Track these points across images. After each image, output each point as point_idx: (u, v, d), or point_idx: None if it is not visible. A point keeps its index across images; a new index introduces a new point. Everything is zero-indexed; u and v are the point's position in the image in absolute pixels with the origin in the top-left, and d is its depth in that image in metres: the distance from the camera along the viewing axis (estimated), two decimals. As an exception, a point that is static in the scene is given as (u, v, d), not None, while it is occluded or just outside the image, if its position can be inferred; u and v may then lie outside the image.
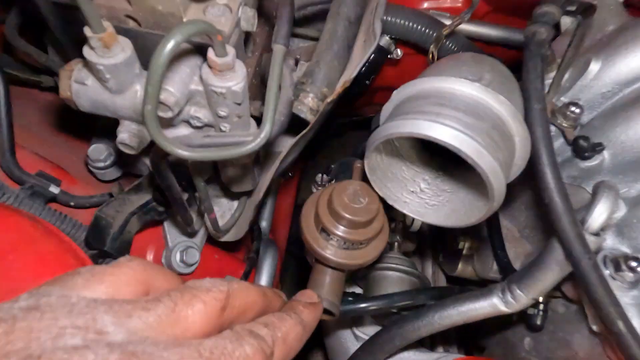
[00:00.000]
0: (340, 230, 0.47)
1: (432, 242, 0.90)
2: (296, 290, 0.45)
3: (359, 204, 0.47)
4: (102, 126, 0.61)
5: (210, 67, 0.37)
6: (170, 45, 0.29)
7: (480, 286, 0.82)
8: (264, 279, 0.82)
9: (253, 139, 0.36)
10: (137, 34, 0.41)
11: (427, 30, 0.83)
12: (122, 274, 0.26)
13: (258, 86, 0.59)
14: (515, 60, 0.95)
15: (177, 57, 0.39)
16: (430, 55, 0.79)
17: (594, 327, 0.45)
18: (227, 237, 0.64)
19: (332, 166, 0.80)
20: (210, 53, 0.36)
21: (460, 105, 0.37)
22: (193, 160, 0.38)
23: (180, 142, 0.37)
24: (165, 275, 0.29)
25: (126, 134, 0.44)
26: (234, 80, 0.37)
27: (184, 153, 0.34)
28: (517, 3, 0.86)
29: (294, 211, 1.20)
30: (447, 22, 0.85)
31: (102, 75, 0.38)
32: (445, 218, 0.46)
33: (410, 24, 0.82)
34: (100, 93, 0.41)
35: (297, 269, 1.17)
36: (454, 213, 0.46)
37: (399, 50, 0.88)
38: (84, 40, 0.37)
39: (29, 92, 0.71)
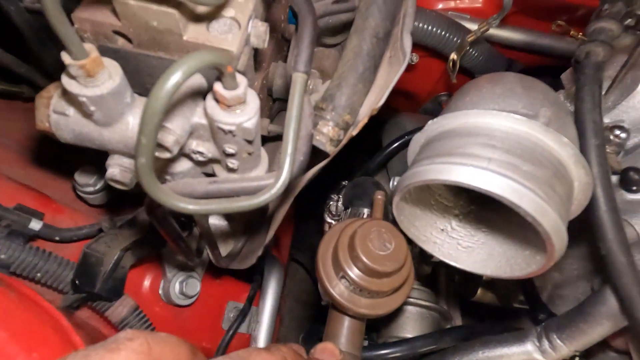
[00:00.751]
0: (363, 280, 0.41)
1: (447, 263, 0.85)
2: (301, 304, 0.39)
3: (384, 250, 0.41)
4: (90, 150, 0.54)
5: (216, 100, 0.31)
6: (168, 87, 0.23)
7: (501, 312, 0.78)
8: (269, 301, 0.77)
9: (269, 189, 0.30)
10: (128, 55, 0.34)
11: (446, 34, 0.76)
12: None
13: (265, 101, 0.53)
14: (536, 64, 0.89)
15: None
16: (451, 64, 0.72)
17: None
18: (232, 266, 0.58)
19: (343, 184, 0.74)
20: (218, 86, 0.29)
21: (516, 149, 0.31)
22: (198, 214, 0.32)
23: (181, 190, 0.31)
24: (173, 348, 0.25)
25: (117, 169, 0.38)
26: (246, 115, 0.31)
27: (187, 207, 0.28)
28: (545, 3, 0.79)
29: (295, 214, 1.15)
30: (467, 24, 0.78)
31: (86, 108, 0.32)
32: (482, 264, 0.41)
33: (429, 27, 0.75)
34: (85, 125, 0.34)
35: (303, 276, 1.13)
36: (491, 259, 0.41)
37: (414, 55, 0.81)
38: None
39: (11, 104, 0.64)
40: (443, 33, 0.74)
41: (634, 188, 0.47)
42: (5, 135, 0.59)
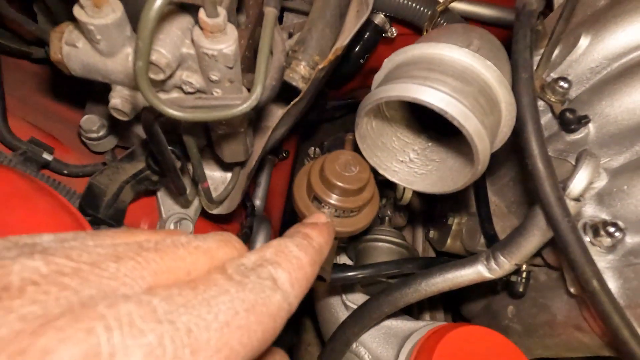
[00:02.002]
0: (332, 199, 0.48)
1: (423, 218, 0.92)
2: None
3: (350, 172, 0.48)
4: (94, 95, 0.60)
5: (201, 28, 0.37)
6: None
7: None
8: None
9: (244, 101, 0.36)
10: (128, -3, 0.41)
11: (422, 8, 0.83)
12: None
13: (251, 59, 0.59)
14: (508, 40, 0.96)
15: (168, 18, 0.39)
16: (425, 32, 0.79)
17: (572, 290, 0.47)
18: (219, 210, 0.65)
19: (325, 142, 0.81)
20: (201, 13, 0.36)
21: (449, 70, 0.37)
22: (185, 121, 0.38)
23: (172, 101, 0.38)
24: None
25: (118, 99, 0.44)
26: (226, 42, 0.38)
27: (175, 113, 0.34)
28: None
29: (288, 192, 1.22)
30: None
31: (93, 36, 0.38)
32: (432, 185, 0.47)
33: (405, 1, 0.82)
34: (92, 55, 0.41)
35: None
36: (440, 181, 0.47)
37: (393, 29, 0.88)
38: (73, 2, 0.37)
39: (18, 63, 0.70)
40: (417, 6, 0.81)
41: (572, 127, 0.54)
42: (16, 90, 0.65)
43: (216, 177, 0.67)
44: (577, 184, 0.42)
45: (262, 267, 0.21)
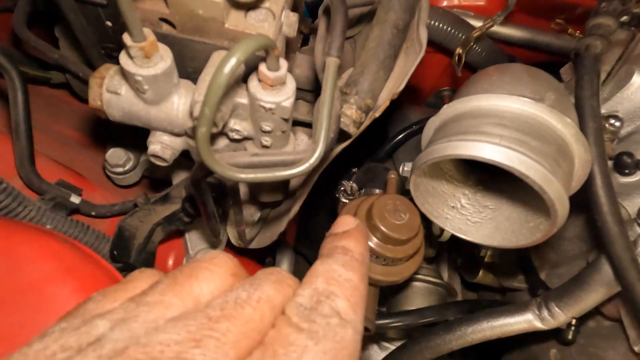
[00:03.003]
0: (380, 247, 0.45)
1: (449, 246, 0.90)
2: None
3: (400, 220, 0.45)
4: (118, 130, 0.57)
5: (260, 80, 0.34)
6: (232, 64, 0.26)
7: (500, 293, 0.82)
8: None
9: (306, 159, 0.34)
10: (174, 40, 0.38)
11: (451, 30, 0.80)
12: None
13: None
14: (534, 61, 0.94)
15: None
16: (457, 58, 0.76)
17: (636, 348, 0.45)
18: (251, 245, 0.62)
19: (354, 170, 0.78)
20: (263, 67, 0.33)
21: (525, 127, 0.35)
22: (242, 182, 0.35)
23: (227, 161, 0.35)
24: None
25: (158, 146, 0.41)
26: (284, 95, 0.35)
27: (239, 176, 0.31)
28: (545, 3, 0.84)
29: (301, 208, 1.19)
30: (471, 21, 0.82)
31: (140, 87, 0.35)
32: (489, 237, 0.45)
33: (435, 23, 0.79)
34: (135, 103, 0.38)
35: (306, 268, 1.16)
36: (498, 231, 0.45)
37: (420, 50, 0.85)
38: (107, 41, 0.33)
39: (36, 90, 0.66)
40: (449, 29, 0.78)
41: (627, 171, 0.52)
42: (36, 119, 0.62)
43: (246, 212, 0.64)
44: (650, 244, 0.40)
45: (320, 303, 0.21)
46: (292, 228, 1.17)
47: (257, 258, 0.86)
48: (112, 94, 0.37)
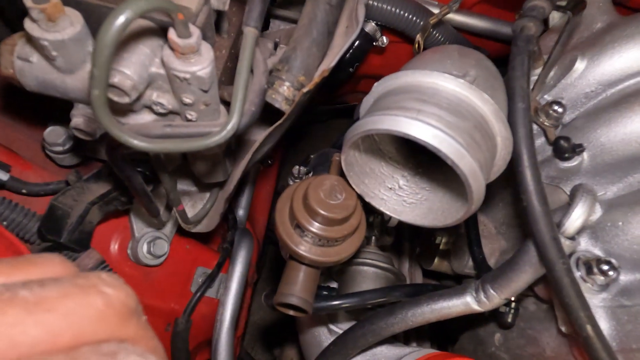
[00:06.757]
0: (315, 227, 0.45)
1: (410, 236, 0.90)
2: (274, 277, 0.42)
3: (335, 200, 0.44)
4: (59, 107, 0.55)
5: (171, 49, 0.33)
6: (118, 21, 0.25)
7: (456, 281, 0.83)
8: (238, 269, 0.80)
9: (219, 131, 0.33)
10: (89, 7, 0.36)
11: (414, 18, 0.80)
12: None
13: (233, 70, 0.55)
14: (502, 54, 0.94)
15: (136, 35, 0.35)
16: (417, 45, 0.76)
17: (563, 329, 0.46)
18: (198, 229, 0.61)
19: (312, 157, 0.77)
20: (171, 33, 0.32)
21: (443, 103, 0.35)
22: (152, 152, 0.34)
23: (137, 132, 0.34)
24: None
25: (81, 119, 0.40)
26: (199, 64, 0.34)
27: (139, 144, 0.30)
28: (507, -6, 0.84)
29: (274, 198, 1.18)
30: (436, 10, 0.82)
31: (48, 53, 0.34)
32: (422, 217, 0.45)
33: (397, 10, 0.79)
34: (48, 72, 0.36)
35: (276, 255, 1.16)
36: (430, 212, 0.45)
37: (384, 38, 0.84)
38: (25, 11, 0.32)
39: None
40: (409, 16, 0.78)
41: (566, 155, 0.52)
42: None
43: (194, 194, 0.63)
44: (573, 223, 0.41)
45: None
46: (262, 216, 1.16)
47: (216, 245, 0.85)
48: (23, 61, 0.36)
